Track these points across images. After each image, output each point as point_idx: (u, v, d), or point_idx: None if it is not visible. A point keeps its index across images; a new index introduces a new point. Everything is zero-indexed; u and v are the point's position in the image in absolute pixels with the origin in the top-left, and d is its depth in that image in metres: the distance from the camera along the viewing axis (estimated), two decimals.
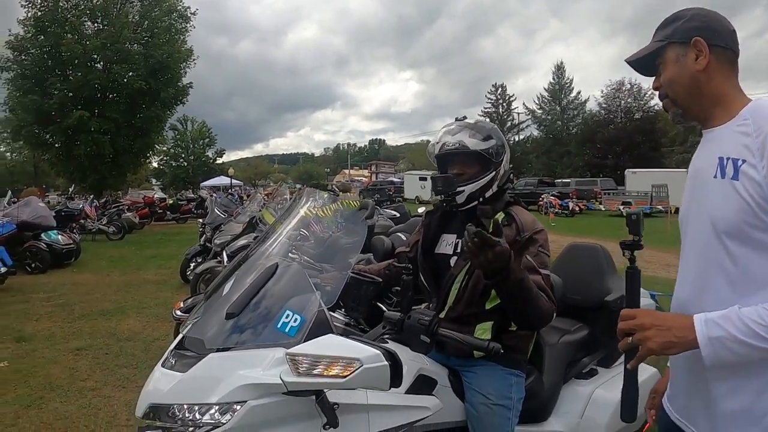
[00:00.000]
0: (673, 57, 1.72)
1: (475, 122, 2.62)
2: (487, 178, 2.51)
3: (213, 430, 1.85)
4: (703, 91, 1.70)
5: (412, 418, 2.20)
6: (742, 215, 1.53)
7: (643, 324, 1.60)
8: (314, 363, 1.75)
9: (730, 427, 1.62)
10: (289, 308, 1.97)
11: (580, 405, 2.95)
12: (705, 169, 1.68)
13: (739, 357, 1.49)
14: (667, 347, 1.57)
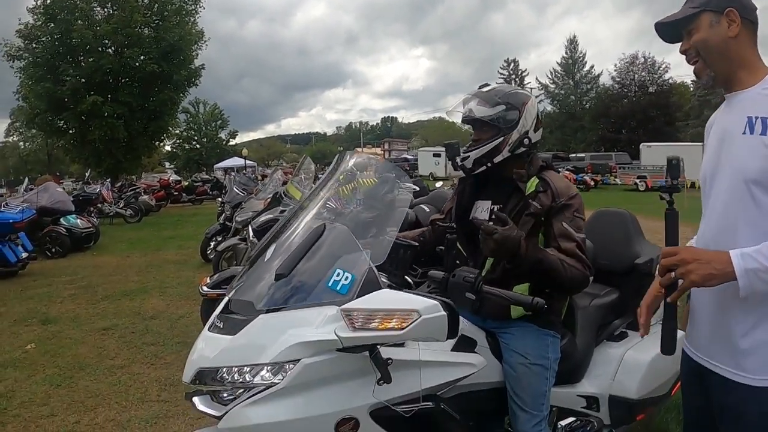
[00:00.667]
0: (707, 22, 1.87)
1: (489, 89, 2.63)
2: (492, 144, 2.52)
3: (266, 390, 1.88)
4: (732, 55, 1.87)
5: (459, 374, 2.26)
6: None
7: (685, 259, 1.74)
8: (369, 317, 1.78)
9: (753, 357, 1.79)
10: (340, 267, 2.00)
11: (611, 367, 3.00)
12: (733, 128, 1.86)
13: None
14: (707, 279, 1.70)
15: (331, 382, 1.97)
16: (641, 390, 2.97)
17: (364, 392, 2.00)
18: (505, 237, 2.07)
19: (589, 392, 2.91)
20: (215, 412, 1.96)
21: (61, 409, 4.51)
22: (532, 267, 2.21)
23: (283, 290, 2.05)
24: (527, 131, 2.56)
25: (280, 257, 2.15)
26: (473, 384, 2.35)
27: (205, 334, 2.14)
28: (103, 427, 4.16)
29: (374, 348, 1.90)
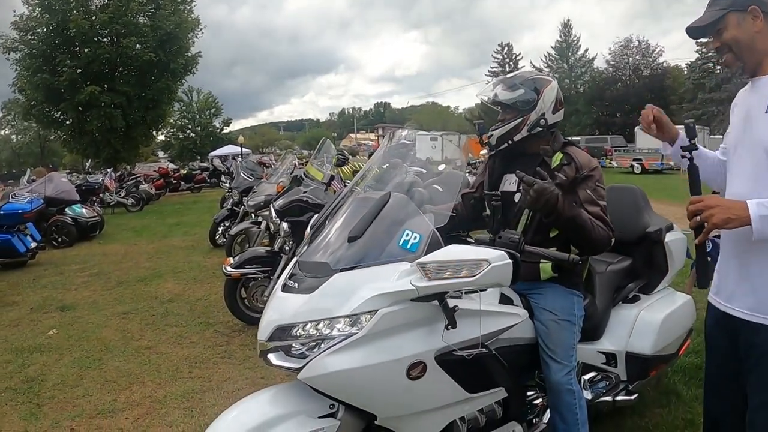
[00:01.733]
0: (734, 22, 2.14)
1: (512, 75, 2.95)
2: (512, 124, 2.80)
3: (345, 339, 2.10)
4: (758, 47, 2.14)
5: (510, 322, 2.56)
6: None
7: (708, 204, 2.01)
8: (441, 268, 2.01)
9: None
10: (408, 228, 2.26)
11: (627, 326, 3.30)
12: (757, 106, 2.14)
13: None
14: (726, 222, 1.98)
15: (403, 330, 2.19)
16: (655, 347, 3.26)
17: (432, 338, 2.24)
18: (544, 188, 2.36)
19: (608, 349, 3.20)
20: (293, 364, 2.15)
21: (95, 388, 4.63)
22: (567, 222, 2.49)
23: (356, 250, 2.28)
24: (544, 113, 2.82)
25: (347, 223, 2.40)
26: (513, 338, 2.61)
27: (278, 294, 2.35)
28: (140, 404, 4.31)
29: (443, 297, 2.15)
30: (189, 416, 4.08)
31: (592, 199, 2.66)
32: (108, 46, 28.20)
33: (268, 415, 2.19)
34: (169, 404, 4.29)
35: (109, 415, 4.16)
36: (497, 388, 2.56)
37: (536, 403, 2.90)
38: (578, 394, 2.67)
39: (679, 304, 3.51)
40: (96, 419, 4.11)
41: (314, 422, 2.19)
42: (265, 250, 6.04)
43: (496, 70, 69.48)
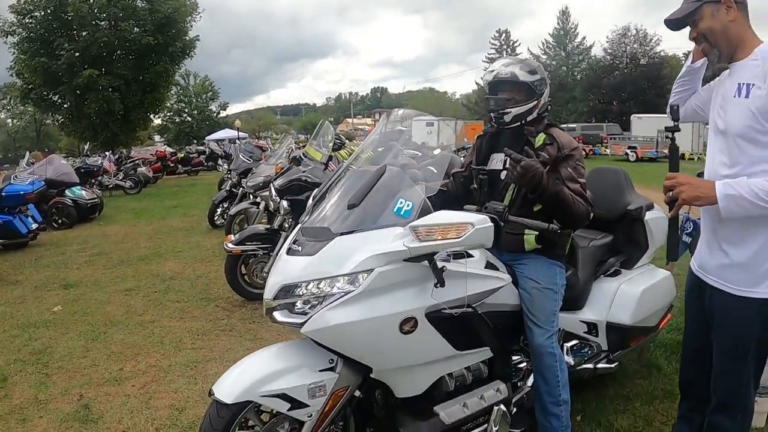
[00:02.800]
0: (709, 13, 2.31)
1: (525, 59, 3.15)
2: (530, 105, 2.99)
3: (343, 296, 2.32)
4: (732, 35, 2.31)
5: (494, 285, 2.79)
6: (749, 122, 2.20)
7: (680, 181, 2.28)
8: (431, 231, 2.23)
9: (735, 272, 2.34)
10: (402, 197, 2.49)
11: (608, 298, 3.50)
12: (728, 92, 2.35)
13: (745, 211, 2.16)
14: (695, 199, 2.25)
15: (397, 287, 2.41)
16: (633, 318, 3.47)
17: (423, 296, 2.46)
18: (530, 165, 2.55)
19: (589, 319, 3.42)
20: (297, 320, 2.37)
21: (102, 359, 4.82)
22: (551, 197, 2.67)
23: (354, 217, 2.50)
24: (549, 99, 3.10)
25: (346, 193, 2.60)
26: (497, 304, 2.82)
27: (283, 257, 2.56)
28: (146, 373, 4.51)
29: (432, 258, 2.36)
30: (193, 383, 4.28)
31: (572, 176, 2.85)
32: (106, 29, 28.01)
33: (272, 368, 2.42)
34: (173, 372, 4.49)
35: (116, 383, 4.35)
36: (483, 348, 2.79)
37: (521, 367, 3.13)
38: (559, 357, 2.89)
39: (658, 279, 3.70)
40: (104, 387, 4.29)
41: (315, 375, 2.42)
42: (265, 228, 6.25)
43: (493, 56, 69.30)
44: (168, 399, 4.05)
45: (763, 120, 2.16)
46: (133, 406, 3.97)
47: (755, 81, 2.20)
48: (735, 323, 2.37)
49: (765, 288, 2.27)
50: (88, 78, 26.52)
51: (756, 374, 2.45)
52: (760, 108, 2.16)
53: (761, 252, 2.27)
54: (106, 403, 4.04)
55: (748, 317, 2.33)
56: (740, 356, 2.38)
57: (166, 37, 28.66)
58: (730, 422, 2.47)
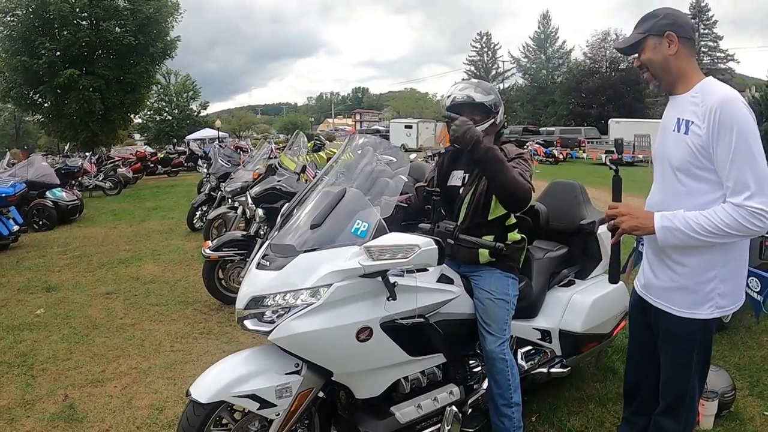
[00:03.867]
0: (651, 45, 2.45)
1: (478, 82, 3.39)
2: (488, 123, 3.24)
3: (306, 308, 2.57)
4: (672, 69, 2.45)
5: (444, 298, 3.01)
6: (687, 157, 2.35)
7: (621, 212, 2.50)
8: (384, 251, 2.48)
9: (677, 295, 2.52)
10: (359, 218, 2.74)
11: (561, 307, 3.75)
12: (669, 124, 2.50)
13: (680, 242, 2.35)
14: (634, 229, 2.46)
15: (354, 300, 2.67)
16: (585, 326, 3.71)
17: (377, 308, 2.71)
18: (464, 121, 2.87)
19: (543, 326, 3.66)
20: (265, 328, 2.62)
21: (85, 361, 4.96)
22: (489, 160, 2.87)
23: (317, 236, 2.75)
24: (505, 116, 3.34)
25: (310, 213, 2.87)
26: (452, 313, 3.08)
27: (253, 271, 2.81)
28: (127, 374, 4.67)
29: (385, 274, 2.60)
30: (172, 384, 4.46)
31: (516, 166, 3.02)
32: (87, 29, 27.95)
33: (243, 371, 2.67)
34: (153, 374, 4.66)
35: (99, 384, 4.51)
36: (436, 354, 3.05)
37: (476, 371, 3.36)
38: (510, 362, 3.12)
39: (610, 289, 3.88)
40: (87, 388, 4.45)
41: (282, 378, 2.67)
42: (242, 234, 6.42)
43: (474, 58, 69.94)
44: (148, 399, 4.22)
45: (700, 157, 2.31)
46: (116, 406, 4.14)
47: (694, 119, 2.33)
48: (679, 340, 2.57)
49: (706, 309, 2.46)
50: (69, 78, 26.48)
51: (701, 380, 2.67)
52: (697, 146, 2.30)
53: (703, 275, 2.44)
54: (90, 403, 4.20)
55: (691, 335, 2.53)
56: (685, 367, 2.59)
57: (147, 37, 28.65)
58: (675, 424, 2.69)
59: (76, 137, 29.58)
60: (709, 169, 2.33)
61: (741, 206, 2.22)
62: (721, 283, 2.46)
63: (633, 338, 2.99)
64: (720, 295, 2.47)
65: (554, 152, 32.81)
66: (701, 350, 2.58)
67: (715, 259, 2.42)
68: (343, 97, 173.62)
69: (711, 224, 2.26)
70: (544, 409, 3.93)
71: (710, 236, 2.28)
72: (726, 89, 2.35)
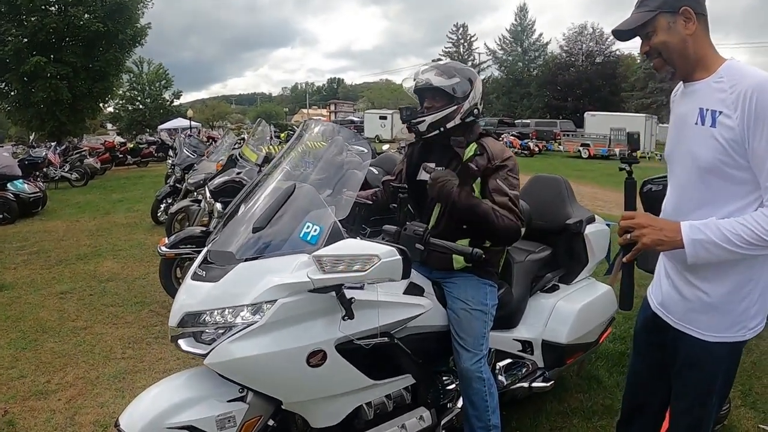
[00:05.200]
0: (665, 24, 2.00)
1: (445, 63, 2.98)
2: (447, 111, 2.83)
3: (246, 328, 2.18)
4: (690, 52, 2.01)
5: (411, 314, 2.62)
6: (717, 155, 1.92)
7: (641, 223, 2.01)
8: (337, 261, 2.09)
9: (705, 316, 2.09)
10: (310, 220, 2.32)
11: (544, 315, 3.41)
12: (687, 117, 2.05)
13: (713, 257, 1.93)
14: (657, 244, 1.99)
15: (303, 319, 2.27)
16: (570, 336, 3.37)
17: (331, 328, 2.32)
18: (439, 176, 2.53)
19: (524, 337, 3.31)
20: (200, 350, 2.22)
21: (30, 370, 4.63)
22: (466, 211, 2.59)
23: (259, 241, 2.35)
24: (476, 103, 2.90)
25: (254, 213, 2.45)
26: (422, 326, 2.70)
27: (188, 282, 2.41)
28: (73, 385, 4.33)
29: (340, 288, 2.22)
30: (120, 396, 4.11)
31: (500, 189, 2.72)
32: (55, 15, 27.17)
33: (179, 398, 2.27)
34: (101, 385, 4.32)
35: (42, 397, 4.17)
36: (403, 375, 2.67)
37: (450, 389, 3.00)
38: (488, 381, 2.77)
39: (598, 294, 3.62)
40: (29, 401, 4.11)
41: (224, 405, 2.28)
42: (201, 230, 6.04)
43: (450, 50, 69.84)
44: (93, 414, 3.89)
45: (734, 153, 1.91)
46: (58, 422, 3.81)
47: (722, 108, 1.93)
48: (703, 367, 2.16)
49: (738, 330, 2.09)
50: (36, 65, 25.75)
51: (718, 409, 2.31)
52: (729, 140, 1.90)
53: (735, 294, 2.05)
54: (31, 419, 3.87)
55: (717, 360, 2.14)
56: (705, 396, 2.20)
57: (116, 24, 27.89)
58: None
59: (43, 127, 28.88)
60: (744, 168, 1.92)
61: None
62: (755, 301, 2.07)
63: (638, 359, 2.55)
64: (752, 316, 2.08)
65: (530, 144, 32.83)
66: (725, 378, 2.19)
67: (748, 274, 2.03)
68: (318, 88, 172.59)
69: (751, 233, 1.86)
70: (524, 426, 3.62)
71: (749, 248, 1.89)
72: (759, 72, 1.92)
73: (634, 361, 2.59)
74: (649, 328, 2.38)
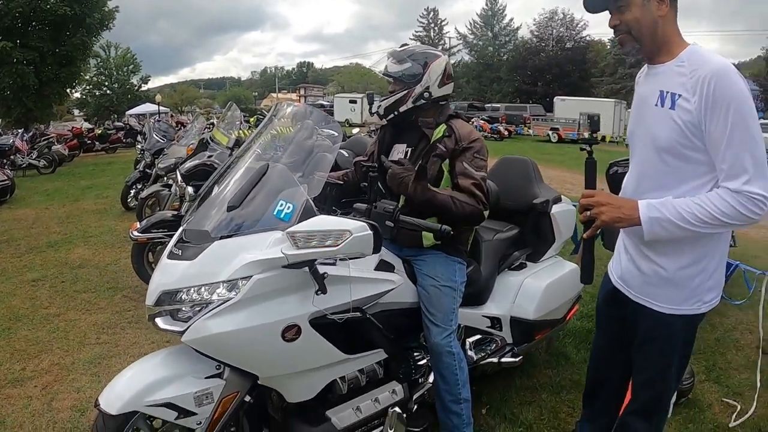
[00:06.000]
0: (639, 1, 2.07)
1: (403, 49, 3.08)
2: (398, 96, 2.94)
3: (222, 304, 2.24)
4: (659, 33, 2.10)
5: (382, 289, 2.70)
6: (675, 136, 2.03)
7: (600, 201, 2.12)
8: (310, 237, 2.15)
9: (662, 290, 2.23)
10: (283, 198, 2.37)
11: (512, 292, 3.51)
12: (649, 98, 2.16)
13: (669, 234, 2.03)
14: (616, 221, 2.09)
15: (277, 295, 2.33)
16: (538, 312, 3.47)
17: (305, 303, 2.39)
18: (395, 173, 2.64)
19: (492, 314, 3.41)
20: (178, 328, 2.28)
21: (5, 358, 4.61)
22: (423, 204, 2.68)
23: (234, 219, 2.41)
24: (429, 86, 2.95)
25: (228, 193, 2.51)
26: (393, 303, 2.78)
27: (164, 261, 2.46)
28: (49, 372, 4.34)
29: (313, 264, 2.28)
30: (96, 381, 4.13)
31: (466, 171, 2.81)
32: None
33: (157, 376, 2.33)
34: (76, 371, 4.34)
35: (18, 384, 4.18)
36: (376, 350, 2.76)
37: (421, 364, 3.10)
38: (458, 356, 2.86)
39: (564, 272, 3.71)
40: (5, 389, 4.11)
41: (201, 382, 2.34)
42: (172, 214, 6.02)
43: (420, 34, 69.77)
44: (70, 400, 3.92)
45: (690, 135, 2.02)
46: (35, 408, 3.82)
47: (682, 91, 2.03)
48: (662, 339, 2.29)
49: (693, 305, 2.21)
50: (2, 51, 25.17)
51: (677, 380, 2.44)
52: (687, 123, 2.01)
53: (690, 268, 2.18)
54: (8, 406, 3.87)
55: (674, 333, 2.27)
56: (664, 368, 2.33)
57: (83, 7, 27.29)
58: (646, 425, 2.45)
59: (10, 113, 28.35)
60: (700, 149, 2.03)
61: (739, 192, 1.94)
62: (709, 276, 2.20)
63: (600, 333, 2.71)
64: (708, 290, 2.21)
65: (500, 128, 33.01)
66: (683, 350, 2.33)
67: (703, 250, 2.16)
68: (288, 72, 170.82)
69: (705, 213, 1.97)
70: (494, 400, 3.73)
71: (703, 226, 1.99)
72: (719, 59, 2.02)
73: (596, 335, 2.73)
74: (610, 302, 2.51)
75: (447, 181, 2.89)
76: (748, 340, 4.69)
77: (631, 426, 2.48)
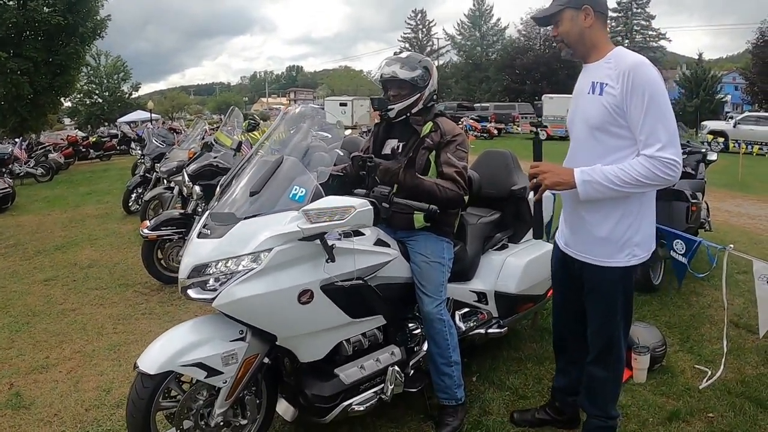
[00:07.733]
0: (569, 17, 2.64)
1: (407, 56, 3.44)
2: (412, 99, 3.34)
3: (248, 273, 2.63)
4: (586, 40, 2.67)
5: (382, 260, 3.13)
6: (604, 116, 2.56)
7: (543, 169, 2.66)
8: (321, 213, 2.57)
9: (598, 247, 2.73)
10: (296, 184, 2.81)
11: (495, 269, 3.91)
12: (583, 89, 2.70)
13: (600, 194, 2.53)
14: (556, 184, 2.62)
15: (294, 264, 2.75)
16: (519, 287, 3.89)
17: (317, 270, 2.81)
18: (385, 169, 3.06)
19: (478, 289, 3.82)
20: (208, 296, 2.66)
21: (28, 349, 4.88)
22: (411, 189, 3.08)
23: (256, 203, 2.81)
24: (435, 89, 3.42)
25: (249, 181, 2.92)
26: (390, 276, 3.19)
27: (195, 240, 2.84)
28: (71, 359, 4.62)
29: (323, 236, 2.71)
30: (117, 365, 4.45)
31: (449, 161, 3.24)
32: (14, 9, 26.48)
33: (189, 340, 2.73)
34: (98, 357, 4.63)
35: (44, 370, 4.45)
36: (376, 316, 3.17)
37: (416, 333, 3.49)
38: (448, 323, 3.28)
39: (543, 252, 4.06)
40: (32, 374, 4.38)
41: (227, 345, 2.74)
42: (179, 213, 6.40)
43: (408, 36, 69.97)
44: (95, 381, 4.20)
45: (615, 115, 2.52)
46: (62, 390, 4.10)
47: (608, 81, 2.54)
48: (603, 289, 2.77)
49: (625, 257, 2.68)
50: None
51: (626, 328, 2.90)
52: (612, 105, 2.51)
53: (618, 226, 2.65)
54: (36, 389, 4.14)
55: (613, 283, 2.74)
56: (611, 316, 2.80)
57: (76, 16, 27.31)
58: (604, 372, 2.90)
59: (5, 123, 28.34)
60: (623, 126, 2.53)
61: (654, 157, 2.42)
62: (636, 233, 2.66)
63: (557, 293, 3.21)
64: (636, 245, 2.67)
65: (489, 127, 33.28)
66: (624, 298, 2.79)
67: (627, 209, 2.64)
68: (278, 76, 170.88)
69: (627, 175, 2.45)
70: (484, 369, 4.11)
71: (627, 187, 2.47)
72: (636, 56, 2.57)
73: (554, 296, 3.26)
74: (560, 266, 3.04)
75: (433, 171, 3.29)
76: (721, 315, 4.97)
77: (593, 374, 2.95)
